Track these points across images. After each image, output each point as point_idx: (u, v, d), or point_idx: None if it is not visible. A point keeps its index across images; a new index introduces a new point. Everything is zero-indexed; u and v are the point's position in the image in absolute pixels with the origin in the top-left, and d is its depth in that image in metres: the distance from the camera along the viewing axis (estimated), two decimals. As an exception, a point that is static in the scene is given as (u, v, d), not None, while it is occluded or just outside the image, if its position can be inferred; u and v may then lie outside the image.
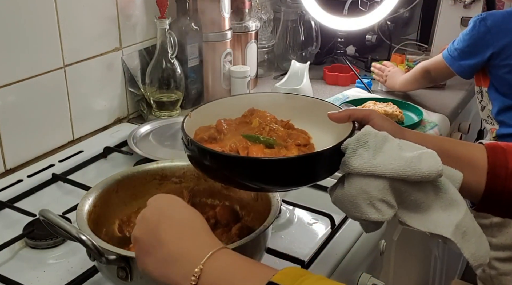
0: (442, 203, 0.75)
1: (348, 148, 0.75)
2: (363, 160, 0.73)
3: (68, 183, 1.19)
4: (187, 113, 0.88)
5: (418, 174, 0.72)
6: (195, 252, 0.65)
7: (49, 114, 1.33)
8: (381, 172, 0.72)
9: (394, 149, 0.74)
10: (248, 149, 0.81)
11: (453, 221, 0.73)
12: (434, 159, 0.73)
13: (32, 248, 0.99)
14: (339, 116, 0.83)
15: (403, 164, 0.72)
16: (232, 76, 1.70)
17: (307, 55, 2.01)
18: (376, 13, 1.90)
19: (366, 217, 0.74)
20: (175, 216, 0.69)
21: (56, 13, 1.29)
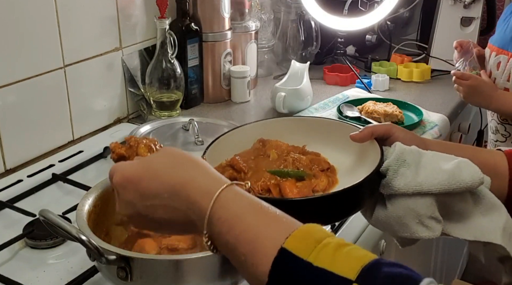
0: (482, 209, 0.74)
1: (389, 169, 0.74)
2: (407, 179, 0.72)
3: (68, 183, 1.19)
4: (203, 157, 0.83)
5: (462, 185, 0.71)
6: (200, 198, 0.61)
7: (49, 114, 1.33)
8: (427, 189, 0.72)
9: (432, 161, 0.73)
10: (279, 185, 0.79)
11: (498, 225, 0.73)
12: (473, 167, 0.73)
13: (32, 248, 0.99)
14: (362, 136, 0.82)
15: (447, 177, 0.71)
16: (232, 76, 1.70)
17: (307, 55, 2.01)
18: (376, 13, 1.90)
19: (416, 236, 0.73)
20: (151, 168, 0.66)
21: (56, 13, 1.29)
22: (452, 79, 1.66)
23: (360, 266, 0.52)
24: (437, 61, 1.99)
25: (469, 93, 1.57)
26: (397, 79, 1.94)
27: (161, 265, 0.76)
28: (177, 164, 0.65)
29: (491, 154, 0.84)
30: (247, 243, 0.57)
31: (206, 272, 0.77)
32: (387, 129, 0.82)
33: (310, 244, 0.55)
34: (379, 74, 1.86)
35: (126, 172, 0.67)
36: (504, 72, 1.58)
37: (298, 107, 1.61)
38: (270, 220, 0.59)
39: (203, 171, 0.64)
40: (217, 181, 0.62)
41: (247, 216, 0.59)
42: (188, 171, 0.63)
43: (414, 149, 0.75)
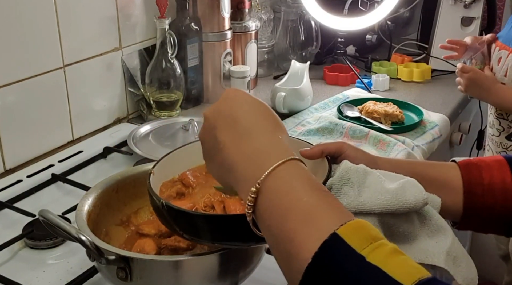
0: (428, 231, 0.73)
1: (332, 188, 0.73)
2: (350, 198, 0.71)
3: (68, 183, 1.19)
4: (150, 171, 0.81)
5: (405, 206, 0.70)
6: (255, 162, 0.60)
7: (49, 114, 1.33)
8: (369, 208, 0.70)
9: (377, 182, 0.72)
10: (224, 202, 0.78)
11: (443, 248, 0.72)
12: (418, 187, 0.72)
13: (32, 248, 0.99)
14: (312, 153, 0.81)
15: (390, 197, 0.70)
16: (232, 76, 1.70)
17: (307, 55, 2.01)
18: (376, 13, 1.89)
19: None
20: (234, 114, 0.64)
21: (56, 13, 1.29)
22: (452, 79, 1.68)
23: (418, 277, 0.50)
24: (437, 61, 1.99)
25: (468, 85, 1.59)
26: (397, 79, 1.94)
27: (161, 265, 0.75)
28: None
29: (443, 168, 0.83)
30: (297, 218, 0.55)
31: (206, 272, 0.77)
32: (338, 147, 0.81)
33: (366, 239, 0.53)
34: (379, 74, 1.86)
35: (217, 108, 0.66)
36: (503, 67, 1.58)
37: (298, 107, 1.61)
38: (328, 202, 0.57)
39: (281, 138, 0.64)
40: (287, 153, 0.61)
41: (307, 189, 0.58)
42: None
43: (360, 168, 0.74)
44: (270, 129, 0.64)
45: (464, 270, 0.73)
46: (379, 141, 1.41)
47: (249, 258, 0.81)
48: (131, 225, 0.93)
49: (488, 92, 1.57)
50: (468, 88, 1.59)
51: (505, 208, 0.79)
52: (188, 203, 0.79)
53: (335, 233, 0.52)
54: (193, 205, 0.79)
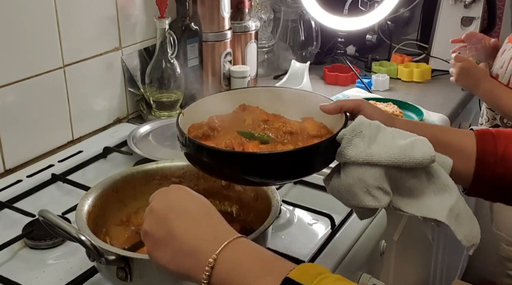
0: (434, 188, 0.77)
1: (343, 138, 0.76)
2: (359, 150, 0.75)
3: (68, 183, 1.19)
4: (180, 111, 0.88)
5: (412, 161, 0.74)
6: (208, 242, 0.63)
7: (48, 114, 1.33)
8: (377, 160, 0.74)
9: (388, 137, 0.76)
10: (243, 145, 0.81)
11: (446, 205, 0.75)
12: (427, 145, 0.75)
13: (32, 248, 0.99)
14: (330, 108, 0.85)
15: (398, 151, 0.74)
16: (232, 76, 1.70)
17: (307, 55, 2.01)
18: (376, 13, 1.89)
19: (363, 205, 0.76)
20: (184, 206, 0.68)
21: (56, 13, 1.29)
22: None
23: None
24: (437, 61, 1.99)
25: (460, 74, 1.59)
26: (397, 79, 1.94)
27: (161, 265, 0.75)
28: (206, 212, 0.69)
29: (459, 134, 0.85)
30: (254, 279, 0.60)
31: (206, 272, 0.77)
32: (356, 104, 0.84)
33: (312, 275, 0.58)
34: (379, 74, 1.86)
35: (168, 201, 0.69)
36: (502, 56, 1.60)
37: (298, 107, 1.61)
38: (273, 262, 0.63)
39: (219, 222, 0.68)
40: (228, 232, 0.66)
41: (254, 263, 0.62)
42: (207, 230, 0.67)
43: (374, 123, 0.77)
44: (215, 215, 0.68)
45: (466, 228, 0.76)
46: (379, 141, 1.41)
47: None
48: (131, 225, 0.94)
49: (477, 83, 1.57)
50: (459, 77, 1.59)
51: None
52: (211, 143, 0.82)
53: (287, 277, 0.58)
54: (215, 145, 0.82)
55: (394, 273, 1.46)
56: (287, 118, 0.90)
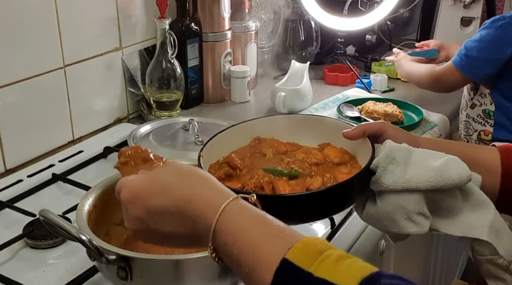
0: (470, 205, 0.76)
1: (378, 166, 0.75)
2: (396, 176, 0.74)
3: (68, 183, 1.19)
4: (199, 154, 0.85)
5: (450, 182, 0.73)
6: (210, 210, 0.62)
7: (49, 114, 1.33)
8: (415, 186, 0.73)
9: (421, 159, 0.75)
10: (272, 183, 0.80)
11: (485, 222, 0.74)
12: (461, 164, 0.74)
13: (32, 248, 0.99)
14: (354, 133, 0.84)
15: (435, 174, 0.73)
16: (232, 76, 1.70)
17: (307, 55, 2.01)
18: (376, 13, 1.90)
19: (405, 231, 0.75)
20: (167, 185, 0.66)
21: (56, 13, 1.29)
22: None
23: (360, 277, 0.53)
24: (436, 61, 1.99)
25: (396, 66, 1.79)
26: (397, 79, 1.94)
27: (161, 265, 0.76)
28: (184, 178, 0.66)
29: (483, 150, 0.85)
30: (251, 254, 0.58)
31: (206, 272, 0.77)
32: (379, 127, 0.83)
33: (312, 255, 0.55)
34: (378, 74, 1.87)
35: (134, 187, 0.67)
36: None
37: (298, 107, 1.61)
38: (273, 232, 0.60)
39: (209, 185, 0.65)
40: (223, 194, 0.64)
41: (251, 229, 0.60)
42: (194, 185, 0.65)
43: (403, 147, 0.76)
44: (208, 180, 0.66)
45: (507, 242, 0.76)
46: (379, 141, 1.41)
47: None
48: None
49: (399, 69, 1.77)
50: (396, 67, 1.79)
51: None
52: (238, 184, 0.81)
53: (284, 258, 0.55)
54: (242, 186, 0.80)
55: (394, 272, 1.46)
56: (306, 147, 0.88)
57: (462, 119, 1.73)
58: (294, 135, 0.92)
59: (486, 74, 1.53)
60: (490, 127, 1.64)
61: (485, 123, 1.65)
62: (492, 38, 1.49)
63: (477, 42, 1.52)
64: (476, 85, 1.65)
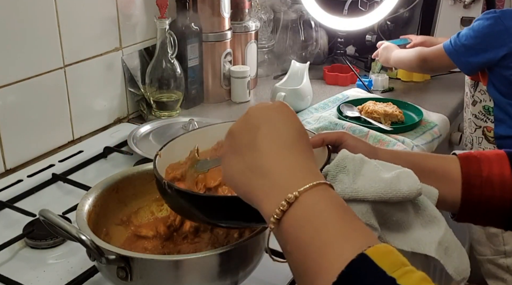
0: (422, 220, 0.74)
1: (328, 174, 0.74)
2: (344, 185, 0.72)
3: (68, 183, 1.19)
4: (157, 153, 0.84)
5: (399, 195, 0.71)
6: (291, 175, 0.59)
7: (49, 114, 1.33)
8: (363, 196, 0.71)
9: (373, 171, 0.73)
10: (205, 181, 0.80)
11: (435, 238, 0.73)
12: (412, 177, 0.72)
13: (32, 248, 0.99)
14: (313, 141, 0.81)
15: (384, 185, 0.71)
16: (232, 76, 1.70)
17: (307, 55, 2.01)
18: (376, 13, 1.90)
19: None
20: (280, 125, 0.64)
21: (56, 13, 1.29)
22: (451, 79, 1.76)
23: None
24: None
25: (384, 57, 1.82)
26: (397, 79, 1.94)
27: (161, 265, 0.76)
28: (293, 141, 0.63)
29: (442, 160, 0.84)
30: (331, 235, 0.54)
31: (206, 272, 0.77)
32: (338, 136, 0.82)
33: (396, 262, 0.52)
34: (379, 74, 1.87)
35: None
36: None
37: (298, 107, 1.61)
38: (358, 226, 0.57)
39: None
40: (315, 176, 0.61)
41: (340, 212, 0.57)
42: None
43: (357, 157, 0.75)
44: (307, 152, 0.64)
45: (456, 260, 0.75)
46: (378, 141, 1.41)
47: (249, 258, 0.81)
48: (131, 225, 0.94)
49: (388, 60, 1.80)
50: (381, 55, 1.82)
51: (503, 200, 0.79)
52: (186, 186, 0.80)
53: (363, 253, 0.51)
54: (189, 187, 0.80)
55: None
56: None
57: (466, 117, 1.74)
58: None
59: (468, 62, 1.57)
60: (491, 124, 1.65)
61: (487, 120, 1.66)
62: (483, 28, 1.54)
63: (469, 30, 1.57)
64: (476, 82, 1.66)
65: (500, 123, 1.62)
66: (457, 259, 0.75)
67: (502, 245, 1.77)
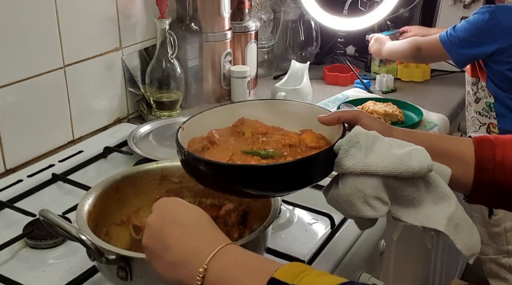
0: (433, 197, 0.77)
1: (340, 148, 0.77)
2: (356, 160, 0.75)
3: (68, 183, 1.19)
4: (180, 126, 0.88)
5: (409, 170, 0.74)
6: (200, 252, 0.66)
7: (49, 114, 1.33)
8: (374, 170, 0.74)
9: (385, 147, 0.76)
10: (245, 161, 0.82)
11: (445, 214, 0.75)
12: (424, 154, 0.75)
13: (32, 248, 0.99)
14: (329, 118, 0.85)
15: (395, 161, 0.74)
16: (232, 76, 1.70)
17: (307, 55, 2.01)
18: (376, 13, 1.90)
19: (362, 215, 0.76)
20: (177, 219, 0.70)
21: (56, 13, 1.29)
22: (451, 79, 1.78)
23: (336, 283, 0.59)
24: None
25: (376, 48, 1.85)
26: (397, 79, 1.94)
27: (161, 265, 0.76)
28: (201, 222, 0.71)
29: (457, 141, 0.85)
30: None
31: (206, 272, 0.77)
32: (354, 115, 0.85)
33: (295, 273, 0.60)
34: (384, 74, 1.87)
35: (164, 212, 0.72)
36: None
37: (298, 107, 1.61)
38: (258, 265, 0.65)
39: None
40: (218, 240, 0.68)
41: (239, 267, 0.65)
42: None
43: (370, 133, 0.77)
44: (207, 224, 0.71)
45: (465, 237, 0.76)
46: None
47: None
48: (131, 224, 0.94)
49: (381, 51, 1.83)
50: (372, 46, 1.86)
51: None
52: (210, 155, 0.83)
53: (272, 277, 0.60)
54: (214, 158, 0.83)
55: (393, 272, 1.46)
56: (286, 130, 0.90)
57: (469, 116, 1.74)
58: (280, 119, 0.93)
59: (460, 53, 1.60)
60: (494, 120, 1.65)
61: (490, 116, 1.66)
62: (477, 22, 1.57)
63: (465, 23, 1.61)
64: (477, 79, 1.66)
65: (502, 119, 1.63)
66: (467, 236, 0.76)
67: (505, 245, 1.77)
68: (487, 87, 1.63)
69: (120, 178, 0.95)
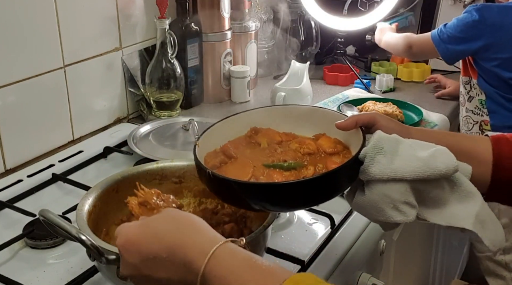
0: (458, 196, 0.77)
1: (366, 156, 0.77)
2: (382, 166, 0.75)
3: (68, 183, 1.19)
4: (195, 143, 0.87)
5: (436, 173, 0.74)
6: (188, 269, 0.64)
7: (49, 114, 1.33)
8: (401, 175, 0.74)
9: (408, 150, 0.76)
10: (268, 175, 0.82)
11: (471, 212, 0.76)
12: (448, 155, 0.75)
13: (32, 248, 0.99)
14: (346, 124, 0.85)
15: (421, 164, 0.74)
16: (232, 76, 1.70)
17: (307, 55, 2.01)
18: (376, 13, 1.90)
19: (391, 220, 0.76)
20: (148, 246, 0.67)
21: (56, 13, 1.29)
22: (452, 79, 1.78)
23: None
24: (437, 61, 1.99)
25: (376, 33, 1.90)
26: (397, 79, 1.94)
27: (161, 265, 0.76)
28: (176, 225, 0.67)
29: (475, 141, 0.86)
30: None
31: (206, 272, 0.77)
32: (371, 117, 0.85)
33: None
34: (384, 74, 1.87)
35: (129, 234, 0.69)
36: None
37: (298, 107, 1.61)
38: (264, 273, 0.61)
39: (199, 231, 0.66)
40: (212, 240, 0.64)
41: (241, 272, 0.61)
42: (185, 231, 0.66)
43: (392, 137, 0.78)
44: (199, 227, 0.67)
45: (492, 233, 0.77)
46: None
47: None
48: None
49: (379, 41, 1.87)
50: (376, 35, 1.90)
51: None
52: (230, 170, 0.83)
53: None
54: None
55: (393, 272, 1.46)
56: (300, 137, 0.90)
57: (462, 115, 1.75)
58: (291, 125, 0.93)
59: (448, 49, 1.63)
60: (487, 116, 1.67)
61: (482, 114, 1.68)
62: (464, 19, 1.60)
63: (454, 20, 1.63)
64: (469, 78, 1.68)
65: (494, 115, 1.66)
66: (493, 231, 0.77)
67: None
68: (479, 85, 1.66)
69: (120, 178, 0.95)
